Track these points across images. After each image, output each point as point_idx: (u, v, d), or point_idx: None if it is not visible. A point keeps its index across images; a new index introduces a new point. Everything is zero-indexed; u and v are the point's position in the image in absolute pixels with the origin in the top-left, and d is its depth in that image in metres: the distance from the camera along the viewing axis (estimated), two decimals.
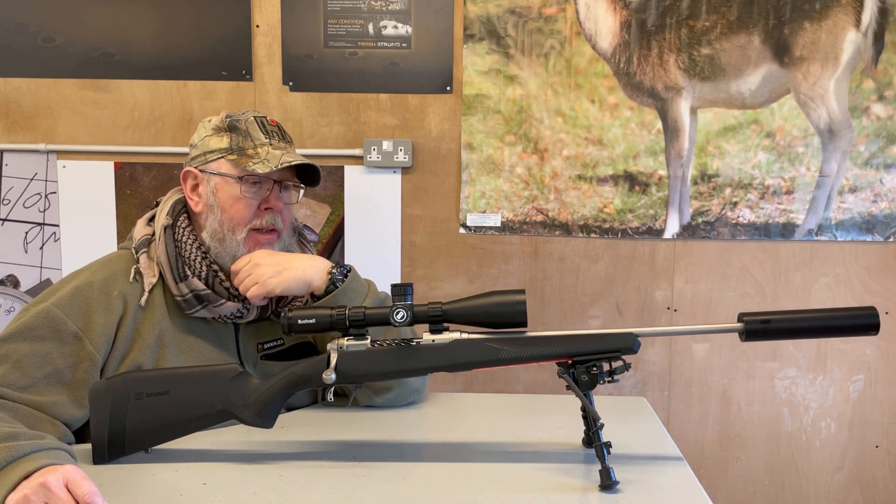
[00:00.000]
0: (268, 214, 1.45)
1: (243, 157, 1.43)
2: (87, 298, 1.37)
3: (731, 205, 2.30)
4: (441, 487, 1.14)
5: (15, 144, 2.36)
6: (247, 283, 1.40)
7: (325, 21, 2.30)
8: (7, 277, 2.40)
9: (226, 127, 1.46)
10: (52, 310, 1.34)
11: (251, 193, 1.43)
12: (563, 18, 2.27)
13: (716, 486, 2.38)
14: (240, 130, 1.45)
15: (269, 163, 1.42)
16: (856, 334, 1.21)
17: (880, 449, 2.36)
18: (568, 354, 1.20)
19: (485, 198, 2.34)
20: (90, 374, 1.34)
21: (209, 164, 1.45)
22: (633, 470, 1.19)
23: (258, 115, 1.49)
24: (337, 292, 1.40)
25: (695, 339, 2.37)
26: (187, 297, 1.41)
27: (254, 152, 1.44)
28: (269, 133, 1.47)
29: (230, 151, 1.44)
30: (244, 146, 1.44)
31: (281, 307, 1.49)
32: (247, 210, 1.43)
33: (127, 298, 1.40)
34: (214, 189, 1.44)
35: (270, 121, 1.49)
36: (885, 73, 2.23)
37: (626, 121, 2.29)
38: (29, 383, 1.29)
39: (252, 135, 1.45)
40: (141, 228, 1.49)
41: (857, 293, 2.31)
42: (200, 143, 1.47)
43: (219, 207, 1.44)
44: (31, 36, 2.33)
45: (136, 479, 1.17)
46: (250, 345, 1.49)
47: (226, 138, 1.45)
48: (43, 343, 1.32)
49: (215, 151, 1.45)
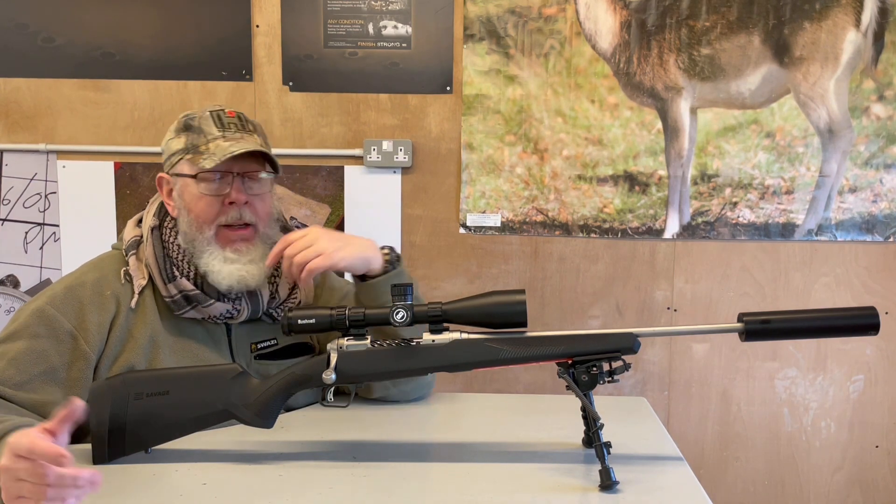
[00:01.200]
0: (232, 209, 1.41)
1: (196, 155, 1.40)
2: (81, 297, 1.36)
3: (731, 205, 2.30)
4: (441, 487, 1.14)
5: (15, 144, 2.36)
6: (307, 253, 1.37)
7: (325, 21, 2.30)
8: (7, 277, 2.40)
9: (182, 127, 1.44)
10: (47, 308, 1.33)
11: (210, 190, 1.39)
12: (563, 18, 2.27)
13: (716, 486, 2.38)
14: (193, 128, 1.42)
15: (215, 156, 1.37)
16: (856, 334, 1.21)
17: (880, 449, 2.36)
18: (568, 354, 1.20)
19: (485, 198, 2.34)
20: (84, 374, 1.33)
21: (174, 167, 1.43)
22: (633, 470, 1.19)
23: (216, 108, 1.45)
24: (392, 274, 1.41)
25: (695, 339, 2.37)
26: (176, 298, 1.40)
27: (205, 148, 1.40)
28: (225, 125, 1.42)
29: (186, 151, 1.42)
30: (197, 143, 1.41)
31: (273, 307, 1.48)
32: (209, 207, 1.40)
33: (119, 299, 1.40)
34: (181, 191, 1.42)
35: (229, 112, 1.45)
36: (885, 73, 2.23)
37: (626, 121, 2.29)
38: (24, 380, 1.28)
39: (205, 130, 1.42)
40: (130, 230, 1.47)
41: (857, 293, 2.31)
42: (165, 148, 1.46)
43: (185, 209, 1.41)
44: (31, 36, 2.33)
45: (136, 479, 1.17)
46: (243, 345, 1.48)
47: (182, 138, 1.43)
48: (38, 341, 1.31)
49: (176, 153, 1.43)
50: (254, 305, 1.45)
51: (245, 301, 1.44)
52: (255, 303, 1.45)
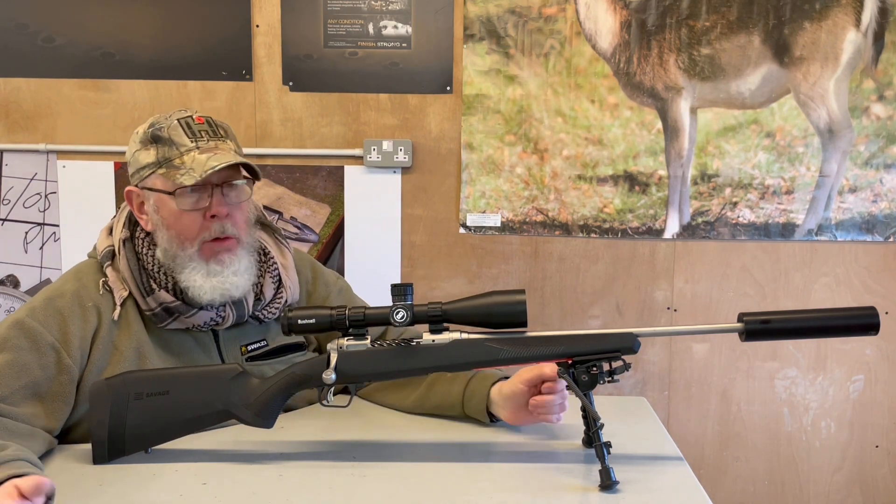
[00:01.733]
0: (215, 223, 1.35)
1: (171, 170, 1.33)
2: (61, 309, 1.32)
3: (731, 205, 2.30)
4: (441, 487, 1.14)
5: (15, 144, 2.36)
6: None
7: (325, 21, 2.30)
8: (7, 277, 2.40)
9: (150, 138, 1.35)
10: (27, 321, 1.29)
11: (189, 205, 1.33)
12: (563, 18, 2.27)
13: (716, 486, 2.38)
14: (163, 140, 1.34)
15: (195, 172, 1.31)
16: (856, 334, 1.21)
17: (880, 449, 2.36)
18: (568, 354, 1.20)
19: (485, 198, 2.34)
20: (67, 387, 1.30)
21: (144, 181, 1.36)
22: (633, 470, 1.19)
23: (184, 115, 1.37)
24: None
25: (695, 339, 2.37)
26: (157, 311, 1.36)
27: (180, 162, 1.33)
28: (196, 134, 1.35)
29: (158, 165, 1.34)
30: (170, 156, 1.33)
31: (259, 309, 1.46)
32: (192, 224, 1.34)
33: (101, 310, 1.36)
34: (156, 207, 1.36)
35: (197, 119, 1.37)
36: (885, 73, 2.23)
37: (626, 121, 2.29)
38: (6, 394, 1.23)
39: (176, 142, 1.34)
40: (103, 240, 1.43)
41: (857, 293, 2.31)
42: (132, 160, 1.38)
43: (164, 225, 1.36)
44: (31, 36, 2.33)
45: (136, 479, 1.17)
46: (233, 348, 1.45)
47: (153, 151, 1.35)
48: (20, 353, 1.27)
49: (146, 167, 1.35)
50: (239, 311, 1.42)
51: (230, 307, 1.40)
52: (240, 307, 1.42)
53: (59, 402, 1.29)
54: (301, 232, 2.37)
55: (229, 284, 1.37)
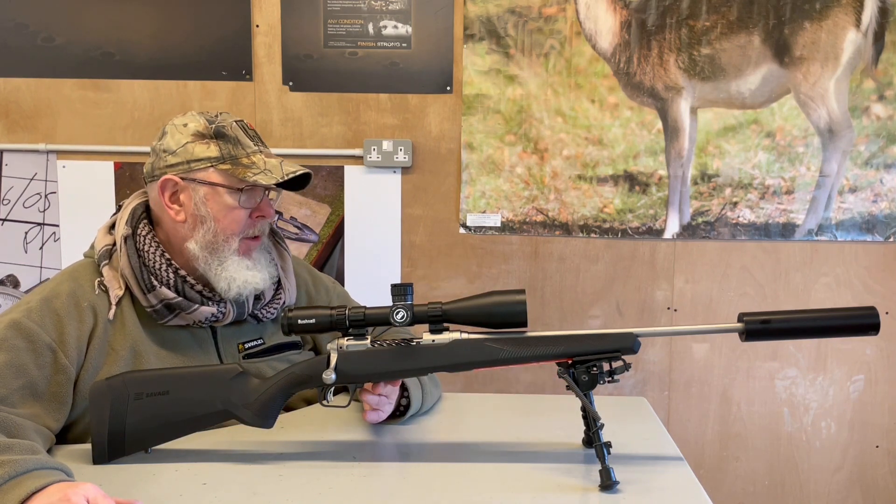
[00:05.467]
0: (260, 222, 1.43)
1: (238, 167, 1.38)
2: (57, 309, 1.33)
3: (731, 205, 2.30)
4: (441, 487, 1.14)
5: (15, 144, 2.36)
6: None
7: (325, 21, 2.30)
8: (7, 277, 2.40)
9: (212, 134, 1.39)
10: (24, 321, 1.29)
11: (251, 203, 1.40)
12: (563, 18, 2.27)
13: (716, 486, 2.38)
14: (229, 138, 1.39)
15: (272, 173, 1.38)
16: (856, 334, 1.21)
17: (880, 449, 2.36)
18: (568, 354, 1.20)
19: (485, 198, 2.34)
20: (64, 388, 1.30)
21: (195, 172, 1.39)
22: (633, 470, 1.19)
23: (237, 119, 1.43)
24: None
25: (695, 339, 2.37)
26: (157, 308, 1.37)
27: (249, 161, 1.39)
28: (254, 138, 1.43)
29: (221, 160, 1.38)
30: (236, 154, 1.39)
31: (258, 308, 1.47)
32: (241, 220, 1.40)
33: (97, 310, 1.36)
34: (204, 199, 1.39)
35: (248, 124, 1.45)
36: (885, 73, 2.23)
37: (626, 121, 2.29)
38: (4, 394, 1.23)
39: (242, 142, 1.40)
40: (101, 238, 1.44)
41: (857, 293, 2.31)
42: (181, 150, 1.40)
43: (211, 218, 1.39)
44: (31, 36, 2.33)
45: (136, 479, 1.17)
46: (230, 346, 1.46)
47: (213, 146, 1.39)
48: (17, 354, 1.27)
49: (203, 160, 1.38)
50: (239, 307, 1.44)
51: (231, 303, 1.42)
52: (241, 305, 1.44)
53: (56, 403, 1.29)
54: (301, 232, 2.37)
55: (260, 279, 1.42)
